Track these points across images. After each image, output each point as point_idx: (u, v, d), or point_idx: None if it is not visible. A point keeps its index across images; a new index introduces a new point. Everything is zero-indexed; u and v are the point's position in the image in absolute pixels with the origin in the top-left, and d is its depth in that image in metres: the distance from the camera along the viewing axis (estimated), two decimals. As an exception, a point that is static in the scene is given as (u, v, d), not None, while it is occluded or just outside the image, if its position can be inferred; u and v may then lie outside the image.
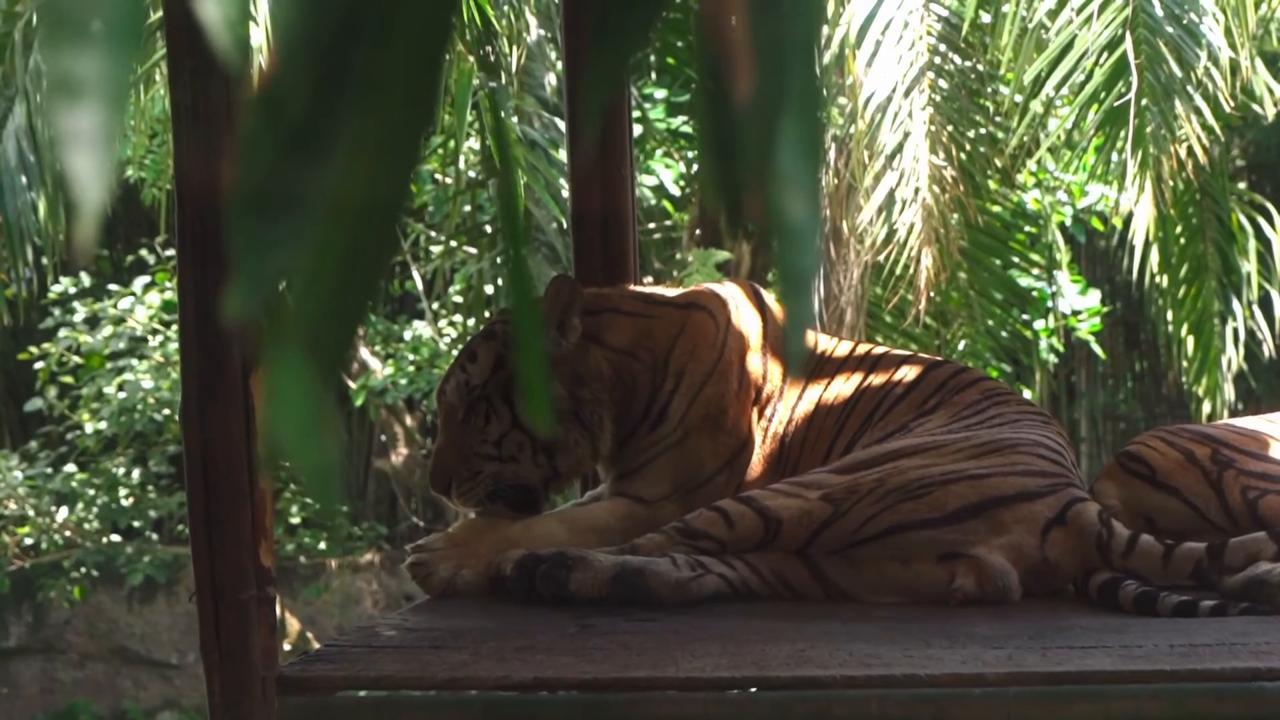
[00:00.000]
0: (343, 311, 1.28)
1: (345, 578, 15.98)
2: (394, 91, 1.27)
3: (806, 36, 1.31)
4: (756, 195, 1.30)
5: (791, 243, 1.30)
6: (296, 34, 1.26)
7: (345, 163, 1.25)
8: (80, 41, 1.18)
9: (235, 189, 1.24)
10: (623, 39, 1.33)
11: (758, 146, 1.28)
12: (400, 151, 1.28)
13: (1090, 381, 16.65)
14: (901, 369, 4.90)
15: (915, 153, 10.71)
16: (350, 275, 1.27)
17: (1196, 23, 9.72)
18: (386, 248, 1.30)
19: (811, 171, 1.30)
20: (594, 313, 4.86)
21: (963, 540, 4.18)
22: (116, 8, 1.19)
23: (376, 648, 3.86)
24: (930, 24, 10.84)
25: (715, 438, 4.81)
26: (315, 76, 1.25)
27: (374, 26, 1.27)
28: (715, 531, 4.30)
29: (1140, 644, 3.64)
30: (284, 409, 1.25)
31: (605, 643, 3.77)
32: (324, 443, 1.26)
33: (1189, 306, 12.11)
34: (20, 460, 15.93)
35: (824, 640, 3.73)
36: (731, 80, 1.27)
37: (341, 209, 1.25)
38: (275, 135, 1.25)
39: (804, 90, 1.30)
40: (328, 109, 1.25)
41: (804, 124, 1.30)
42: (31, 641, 16.10)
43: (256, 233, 1.23)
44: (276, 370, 1.25)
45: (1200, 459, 4.61)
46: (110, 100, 1.18)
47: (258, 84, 1.25)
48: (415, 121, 1.29)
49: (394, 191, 1.29)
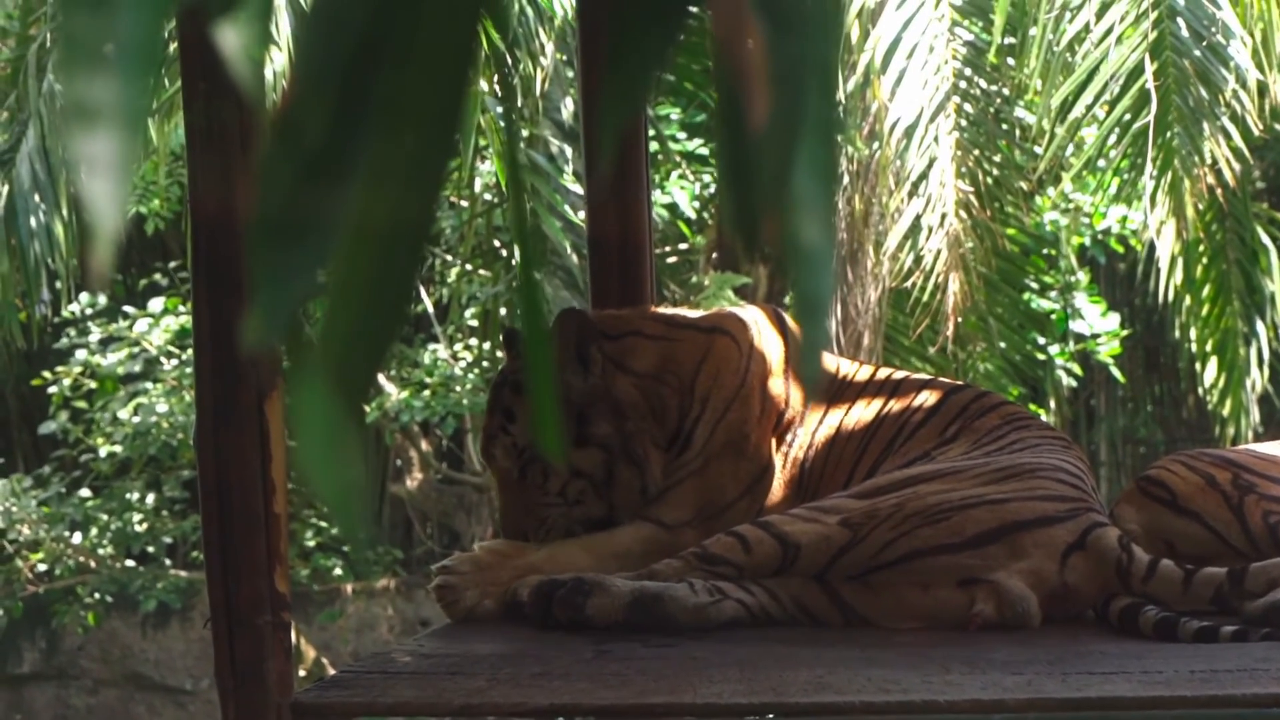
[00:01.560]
0: (369, 337, 1.27)
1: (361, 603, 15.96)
2: (417, 116, 1.27)
3: (824, 60, 1.30)
4: (773, 220, 1.28)
5: (808, 267, 1.29)
6: (316, 59, 1.26)
7: (368, 188, 1.24)
8: (97, 66, 1.17)
9: (254, 215, 1.23)
10: (639, 63, 1.32)
11: (774, 171, 1.27)
12: (424, 177, 1.28)
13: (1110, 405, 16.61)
14: (922, 394, 4.88)
15: (941, 178, 10.69)
16: (376, 301, 1.26)
17: (1224, 45, 9.70)
18: (412, 273, 1.29)
19: (828, 196, 1.29)
20: (615, 337, 4.83)
21: (982, 565, 4.16)
22: (133, 33, 1.18)
23: (392, 674, 3.84)
24: (955, 48, 10.83)
25: (737, 463, 4.79)
26: (335, 102, 1.25)
27: (395, 51, 1.26)
28: (733, 557, 4.29)
29: (1161, 670, 3.62)
30: (307, 434, 1.24)
31: (622, 668, 3.75)
32: (347, 468, 1.25)
33: (1212, 327, 12.07)
34: (34, 484, 15.92)
35: (842, 666, 3.71)
36: (748, 104, 1.26)
37: (366, 235, 1.25)
38: (294, 161, 1.24)
39: (821, 114, 1.29)
40: (348, 134, 1.25)
41: (821, 148, 1.29)
42: (45, 667, 16.08)
43: (276, 260, 1.23)
44: (298, 395, 1.25)
45: (1221, 483, 4.59)
46: (127, 125, 1.17)
47: (277, 109, 1.24)
48: (439, 146, 1.28)
49: (419, 217, 1.28)
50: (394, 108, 1.25)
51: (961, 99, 10.86)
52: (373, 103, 1.25)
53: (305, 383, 1.25)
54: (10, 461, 16.51)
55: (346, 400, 1.25)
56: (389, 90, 1.25)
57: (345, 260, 1.24)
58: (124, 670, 15.98)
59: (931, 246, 10.76)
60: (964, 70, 10.90)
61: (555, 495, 4.71)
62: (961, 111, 10.84)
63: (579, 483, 4.71)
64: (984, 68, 10.99)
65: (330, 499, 1.26)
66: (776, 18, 1.26)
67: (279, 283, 1.22)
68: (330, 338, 1.25)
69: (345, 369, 1.25)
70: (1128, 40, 9.73)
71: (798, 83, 1.27)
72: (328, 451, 1.25)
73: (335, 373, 1.25)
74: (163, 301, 15.47)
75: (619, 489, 4.73)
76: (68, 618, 15.63)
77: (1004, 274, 12.11)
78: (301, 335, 1.25)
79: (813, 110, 1.28)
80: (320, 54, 1.26)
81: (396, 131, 1.25)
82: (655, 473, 4.75)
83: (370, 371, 1.28)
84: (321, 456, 1.25)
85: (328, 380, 1.24)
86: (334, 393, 1.25)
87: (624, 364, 4.79)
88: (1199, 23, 9.77)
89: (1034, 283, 12.92)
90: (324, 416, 1.24)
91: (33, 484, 15.87)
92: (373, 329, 1.27)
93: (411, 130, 1.26)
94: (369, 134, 1.25)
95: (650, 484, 4.74)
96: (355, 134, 1.25)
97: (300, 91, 1.24)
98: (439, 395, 14.85)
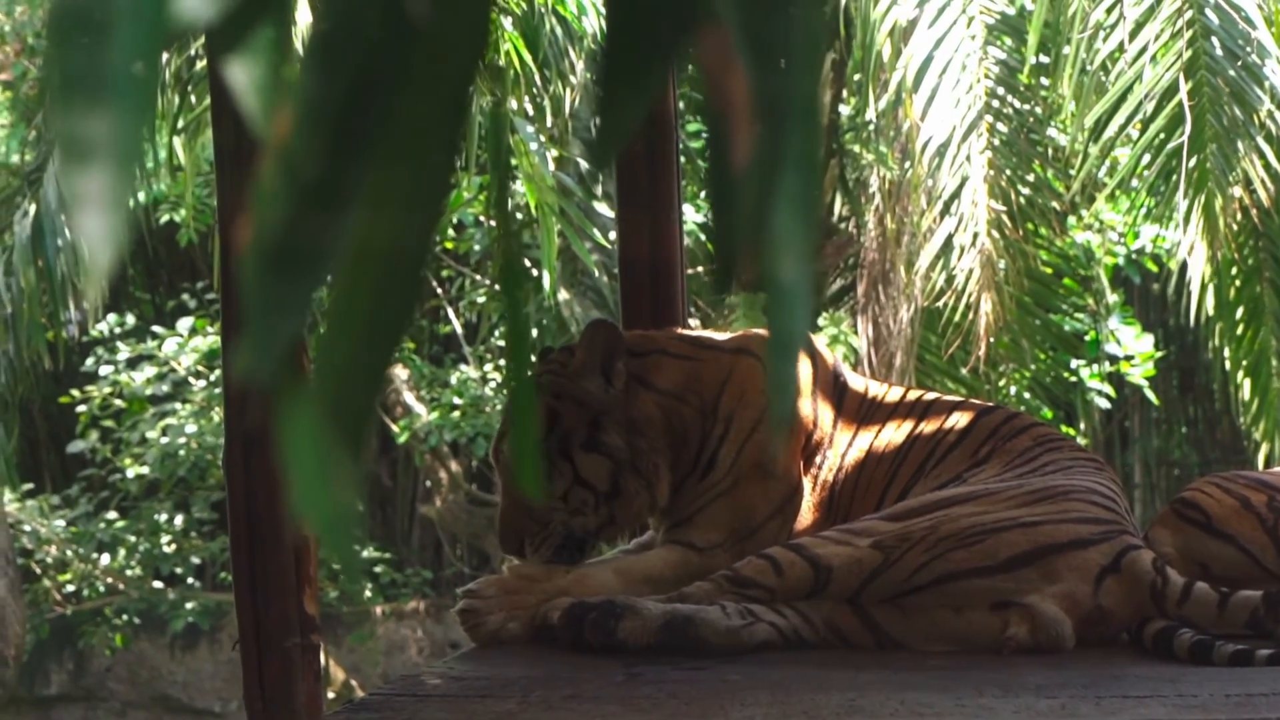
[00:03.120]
0: (365, 367, 1.27)
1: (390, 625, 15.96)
2: (414, 147, 1.27)
3: (807, 98, 1.30)
4: (751, 255, 1.29)
5: (783, 304, 1.29)
6: (314, 90, 1.25)
7: (365, 218, 1.25)
8: (90, 102, 1.17)
9: (250, 244, 1.22)
10: (630, 99, 1.33)
11: (754, 206, 1.27)
12: (421, 208, 1.28)
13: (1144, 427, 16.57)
14: (953, 416, 4.85)
15: (974, 197, 10.67)
16: (373, 331, 1.26)
17: (1259, 64, 9.67)
18: (409, 303, 1.29)
19: (807, 233, 1.29)
20: (640, 354, 4.82)
21: (1015, 588, 4.14)
22: (126, 67, 1.18)
23: (422, 696, 3.83)
24: (988, 67, 10.81)
25: (766, 484, 4.77)
26: (333, 132, 1.24)
27: (393, 82, 1.26)
28: (764, 580, 4.27)
29: (1196, 693, 3.60)
30: (298, 462, 1.24)
31: (654, 691, 3.74)
32: (339, 496, 1.24)
33: (1246, 348, 12.00)
34: (62, 504, 15.94)
35: (875, 689, 3.69)
36: (731, 140, 1.27)
37: (363, 265, 1.25)
38: (291, 191, 1.23)
39: (803, 151, 1.29)
40: (345, 165, 1.25)
41: (802, 186, 1.29)
42: (73, 689, 16.10)
43: (271, 289, 1.22)
44: (290, 424, 1.24)
45: (1256, 505, 4.56)
46: (121, 161, 1.16)
47: (274, 139, 1.24)
48: (436, 177, 1.28)
49: (416, 247, 1.28)
50: (391, 139, 1.26)
51: (994, 118, 10.84)
52: (370, 134, 1.25)
53: (297, 412, 1.24)
54: (38, 482, 16.54)
55: (343, 430, 1.25)
56: (386, 121, 1.25)
57: (342, 290, 1.24)
58: (152, 692, 15.99)
59: (963, 266, 10.74)
60: (996, 89, 10.89)
61: (558, 500, 4.67)
62: (994, 131, 10.82)
63: (582, 491, 4.67)
64: (1017, 87, 10.97)
65: (321, 528, 1.25)
66: (761, 55, 1.27)
67: (273, 312, 1.22)
68: (327, 367, 1.25)
69: (342, 399, 1.25)
70: (1162, 60, 9.70)
71: (781, 120, 1.28)
72: (319, 481, 1.24)
73: (332, 403, 1.24)
74: (191, 322, 15.50)
75: (622, 503, 4.70)
76: (95, 639, 15.65)
77: (1037, 295, 12.08)
78: (294, 365, 1.24)
79: (795, 148, 1.29)
80: (318, 85, 1.26)
81: (394, 162, 1.26)
82: (663, 491, 4.72)
83: (368, 401, 1.28)
84: (312, 486, 1.24)
85: (323, 410, 1.24)
86: (329, 422, 1.24)
87: (647, 380, 4.77)
88: (1233, 42, 9.74)
89: (1067, 304, 12.87)
90: (315, 445, 1.24)
91: (60, 504, 15.89)
92: (369, 359, 1.27)
93: (409, 161, 1.26)
94: (366, 165, 1.25)
95: (657, 500, 4.72)
96: (352, 164, 1.25)
97: (298, 121, 1.24)
98: (468, 416, 14.86)
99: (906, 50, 10.71)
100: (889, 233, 11.95)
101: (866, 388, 5.01)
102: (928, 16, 10.77)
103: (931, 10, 10.77)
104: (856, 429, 4.88)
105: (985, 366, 11.72)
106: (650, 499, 4.72)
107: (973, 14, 10.78)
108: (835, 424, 4.88)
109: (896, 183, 11.73)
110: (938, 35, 10.71)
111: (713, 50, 1.28)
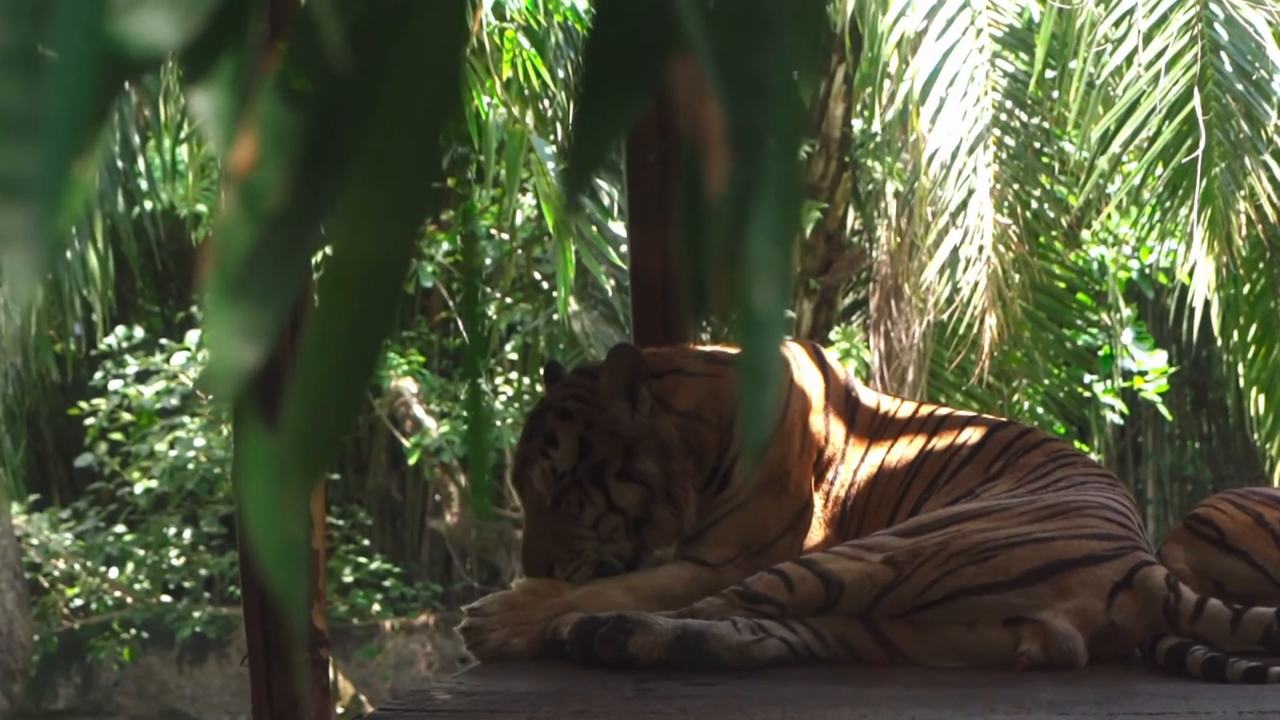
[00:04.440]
0: (335, 402, 1.27)
1: (399, 639, 15.93)
2: (382, 183, 1.27)
3: (785, 128, 1.30)
4: (723, 283, 1.29)
5: (756, 333, 1.28)
6: (277, 124, 1.25)
7: (331, 250, 1.25)
8: (15, 138, 1.15)
9: (211, 272, 1.22)
10: (604, 127, 1.34)
11: (727, 235, 1.27)
12: (389, 241, 1.28)
13: (1157, 442, 16.54)
14: (965, 431, 4.84)
15: (980, 210, 10.66)
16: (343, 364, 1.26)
17: (1267, 79, 9.65)
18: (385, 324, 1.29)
19: (784, 260, 1.29)
20: (659, 375, 4.79)
21: (1028, 605, 4.13)
22: (58, 104, 1.17)
23: (431, 711, 3.81)
24: (996, 80, 10.79)
25: (779, 500, 4.75)
26: (297, 164, 1.24)
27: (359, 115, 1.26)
28: (776, 595, 4.25)
29: (1209, 710, 3.59)
30: (250, 490, 1.24)
31: (664, 707, 3.72)
32: (289, 523, 1.24)
33: (1260, 364, 11.96)
34: (70, 517, 15.93)
35: (887, 705, 3.68)
36: (706, 169, 1.27)
37: (337, 288, 1.25)
38: (254, 221, 1.23)
39: (781, 181, 1.29)
40: (310, 196, 1.25)
41: (779, 214, 1.29)
42: (81, 703, 16.09)
43: (232, 317, 1.22)
44: (244, 451, 1.24)
45: (1270, 522, 4.55)
46: (48, 199, 1.15)
47: (237, 169, 1.24)
48: (406, 210, 1.28)
49: (385, 283, 1.28)
50: (361, 168, 1.26)
51: (1002, 131, 10.82)
52: (337, 162, 1.25)
53: (252, 440, 1.24)
54: (46, 495, 16.53)
55: (302, 471, 1.24)
56: (355, 150, 1.26)
57: (319, 313, 1.25)
58: (160, 706, 15.97)
59: (969, 280, 10.71)
60: (1004, 103, 10.87)
61: (588, 528, 4.64)
62: (1002, 144, 10.80)
63: (614, 518, 4.64)
64: (1024, 100, 10.95)
65: (268, 556, 1.24)
66: (737, 87, 1.28)
67: (233, 340, 1.21)
68: (296, 410, 1.24)
69: (306, 441, 1.25)
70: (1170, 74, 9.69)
71: (756, 150, 1.28)
72: (271, 511, 1.23)
73: (296, 443, 1.24)
74: (200, 335, 15.49)
75: (654, 530, 4.67)
76: (104, 653, 15.63)
77: (1049, 309, 12.06)
78: (252, 393, 1.24)
79: (772, 177, 1.29)
80: (282, 116, 1.25)
81: (365, 188, 1.26)
82: (690, 516, 4.70)
83: (330, 444, 1.27)
84: (264, 515, 1.24)
85: (286, 448, 1.23)
86: (291, 456, 1.24)
87: (667, 403, 4.75)
88: (1242, 57, 9.73)
89: (1080, 319, 12.85)
90: (269, 474, 1.23)
91: (69, 517, 15.88)
92: (335, 405, 1.27)
93: (381, 188, 1.26)
94: (332, 193, 1.25)
95: (685, 526, 4.70)
96: (317, 196, 1.25)
97: (261, 152, 1.24)
98: (478, 430, 14.80)
99: (914, 63, 10.70)
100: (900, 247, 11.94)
101: (879, 403, 5.00)
102: (936, 28, 10.76)
103: (940, 22, 10.75)
104: (869, 444, 4.86)
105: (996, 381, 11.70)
106: (679, 525, 4.69)
107: (981, 26, 10.77)
108: (847, 440, 4.86)
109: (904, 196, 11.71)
110: (945, 47, 10.70)
111: (687, 80, 1.28)
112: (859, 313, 13.26)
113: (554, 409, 4.74)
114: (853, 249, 13.27)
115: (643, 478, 4.64)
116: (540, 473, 4.68)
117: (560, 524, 4.65)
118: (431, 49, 1.27)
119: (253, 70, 1.25)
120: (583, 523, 4.63)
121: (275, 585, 1.24)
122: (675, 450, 4.68)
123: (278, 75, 1.26)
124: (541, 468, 4.68)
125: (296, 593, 1.26)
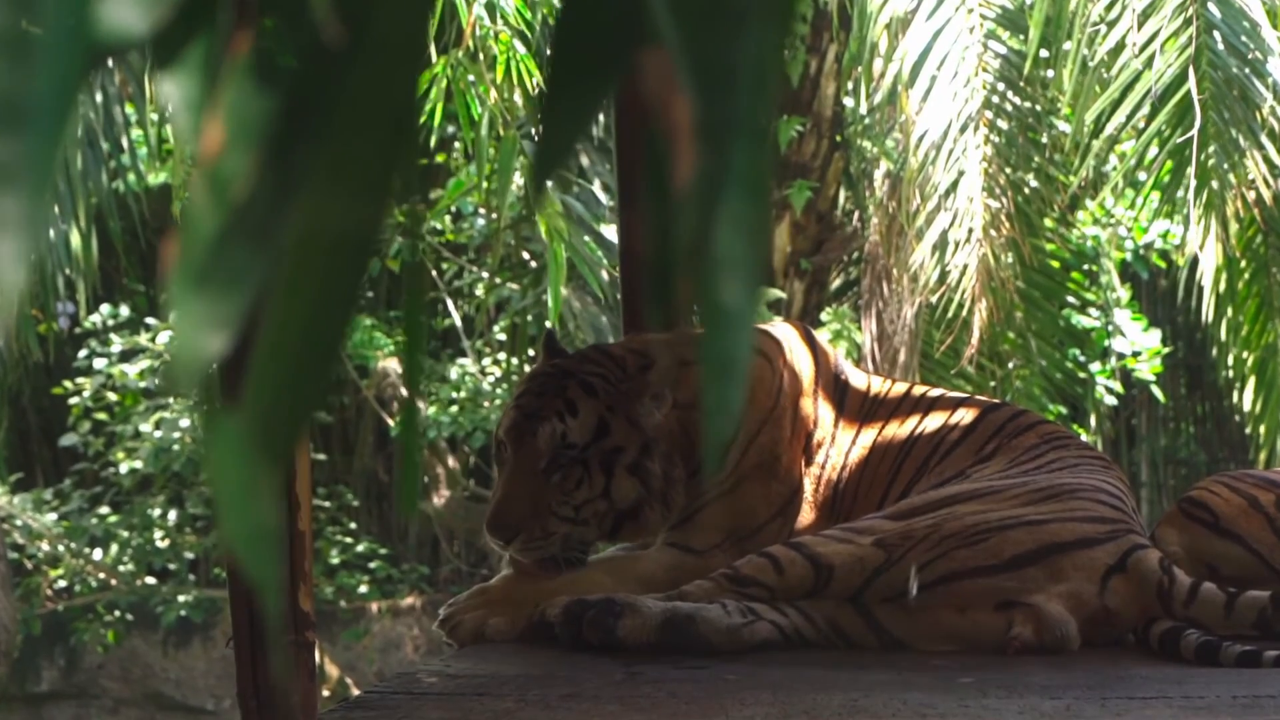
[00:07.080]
0: (296, 392, 1.25)
1: (386, 622, 15.90)
2: (348, 176, 1.26)
3: (754, 120, 1.29)
4: (688, 276, 1.29)
5: (722, 327, 1.29)
6: (242, 114, 1.24)
7: (296, 242, 1.24)
8: (7, 126, 1.15)
9: (175, 263, 1.22)
10: (572, 117, 1.34)
11: (694, 228, 1.27)
12: (353, 237, 1.27)
13: (1151, 425, 16.53)
14: (958, 412, 4.81)
15: (969, 192, 10.62)
16: (304, 357, 1.25)
17: (1262, 60, 9.63)
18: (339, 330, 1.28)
19: (751, 254, 1.28)
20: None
21: (1020, 588, 4.11)
22: (44, 89, 1.16)
23: (418, 694, 3.79)
24: (988, 61, 10.75)
25: (768, 485, 4.71)
26: (263, 158, 1.24)
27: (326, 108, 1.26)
28: (765, 578, 4.23)
29: (1202, 695, 3.59)
30: (221, 479, 1.23)
31: (653, 690, 3.71)
32: (260, 507, 1.22)
33: (1253, 345, 11.94)
34: (54, 498, 15.89)
35: (878, 689, 3.67)
36: (673, 161, 1.27)
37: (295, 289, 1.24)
38: (218, 213, 1.22)
39: (749, 174, 1.28)
40: (275, 189, 1.24)
41: (747, 207, 1.28)
42: (64, 686, 16.05)
43: (195, 308, 1.21)
44: (213, 439, 1.23)
45: (1264, 505, 4.54)
46: (32, 185, 1.15)
47: (201, 160, 1.23)
48: (371, 206, 1.27)
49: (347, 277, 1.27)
50: (324, 164, 1.25)
51: (994, 114, 10.78)
52: (302, 158, 1.24)
53: (221, 428, 1.23)
54: (29, 475, 16.48)
55: (269, 451, 1.23)
56: (319, 147, 1.25)
57: (275, 310, 1.24)
58: (145, 689, 15.94)
59: (958, 262, 10.68)
60: (996, 85, 10.83)
61: (573, 507, 4.51)
62: (993, 127, 10.76)
63: (602, 506, 4.56)
64: (1017, 82, 10.91)
65: (239, 545, 1.23)
66: (706, 79, 1.27)
67: (197, 331, 1.21)
68: (258, 388, 1.24)
69: (271, 420, 1.24)
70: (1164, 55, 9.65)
71: (725, 142, 1.27)
72: (242, 498, 1.22)
73: (261, 423, 1.23)
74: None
75: (635, 526, 4.62)
76: (88, 635, 15.59)
77: (1043, 290, 12.04)
78: (215, 383, 1.25)
79: (740, 169, 1.28)
80: (249, 107, 1.25)
81: (328, 169, 1.25)
82: (675, 518, 4.65)
83: (296, 424, 1.27)
84: (235, 503, 1.23)
85: (250, 428, 1.23)
86: (256, 442, 1.23)
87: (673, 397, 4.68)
88: (1236, 38, 9.70)
89: (1074, 299, 12.83)
90: (239, 462, 1.23)
91: (52, 498, 15.84)
92: (299, 383, 1.26)
93: (342, 188, 1.26)
94: (297, 189, 1.24)
95: (664, 527, 4.65)
96: (283, 189, 1.24)
97: (226, 144, 1.23)
98: (467, 410, 14.79)
99: (903, 44, 10.64)
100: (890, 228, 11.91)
101: (869, 384, 4.96)
102: (926, 8, 10.71)
103: (930, 1, 10.71)
104: (859, 427, 4.83)
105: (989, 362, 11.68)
106: (660, 527, 4.64)
107: (972, 6, 10.73)
108: (837, 423, 4.83)
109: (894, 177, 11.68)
110: (936, 27, 10.65)
111: (655, 72, 1.27)
112: (850, 293, 13.23)
113: (577, 378, 4.61)
114: (844, 229, 13.25)
115: (647, 477, 4.57)
116: (549, 433, 4.52)
117: (545, 492, 4.51)
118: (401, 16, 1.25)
119: (221, 55, 1.23)
120: (571, 500, 4.52)
121: (248, 570, 1.22)
122: (675, 452, 4.62)
123: (257, 54, 1.25)
124: (553, 428, 4.52)
125: (270, 577, 1.24)
